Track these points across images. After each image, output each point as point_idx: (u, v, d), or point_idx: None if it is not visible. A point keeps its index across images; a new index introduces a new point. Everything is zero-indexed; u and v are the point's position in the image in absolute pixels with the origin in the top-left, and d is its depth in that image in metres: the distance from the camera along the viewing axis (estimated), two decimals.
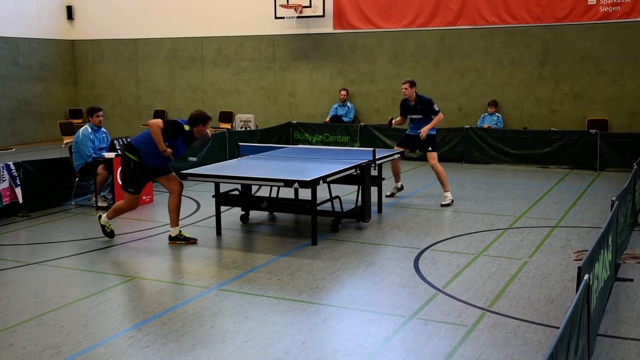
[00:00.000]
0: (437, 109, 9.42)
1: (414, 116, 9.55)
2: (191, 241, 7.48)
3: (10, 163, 8.83)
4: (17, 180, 8.79)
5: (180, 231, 7.50)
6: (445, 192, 9.35)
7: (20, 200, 8.80)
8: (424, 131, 9.24)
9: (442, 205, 9.19)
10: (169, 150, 7.21)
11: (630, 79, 13.32)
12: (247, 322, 5.16)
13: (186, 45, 17.47)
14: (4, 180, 8.66)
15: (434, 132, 9.50)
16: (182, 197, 7.64)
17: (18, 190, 8.77)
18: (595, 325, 4.58)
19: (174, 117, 17.79)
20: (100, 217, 7.69)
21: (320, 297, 5.70)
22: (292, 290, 5.88)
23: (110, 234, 7.67)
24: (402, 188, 10.04)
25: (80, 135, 9.45)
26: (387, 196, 9.69)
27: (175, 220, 7.47)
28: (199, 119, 7.29)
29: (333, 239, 7.61)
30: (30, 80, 17.65)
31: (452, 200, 9.33)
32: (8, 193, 8.73)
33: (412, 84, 9.45)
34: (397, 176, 9.92)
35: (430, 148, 9.41)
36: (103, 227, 7.63)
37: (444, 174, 9.34)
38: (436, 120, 9.39)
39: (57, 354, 4.61)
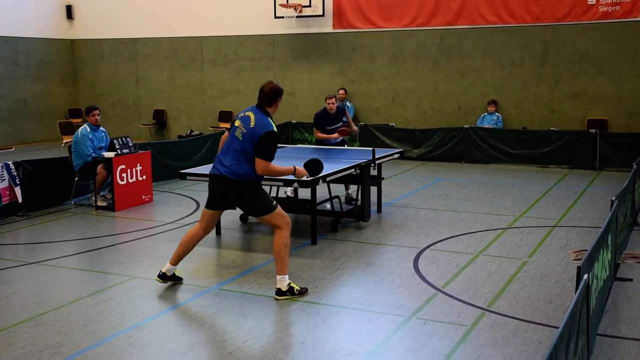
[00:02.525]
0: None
1: (335, 126, 9.55)
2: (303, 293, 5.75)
3: (10, 162, 8.83)
4: (17, 180, 8.79)
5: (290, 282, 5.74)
6: None
7: (20, 200, 8.80)
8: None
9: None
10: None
11: (629, 79, 13.32)
12: (246, 321, 5.16)
13: (186, 44, 17.47)
14: (3, 180, 8.66)
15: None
16: (183, 197, 7.59)
17: (17, 190, 8.77)
18: (594, 325, 4.58)
19: (173, 116, 17.80)
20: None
21: (320, 297, 5.70)
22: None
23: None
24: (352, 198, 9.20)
25: (79, 135, 9.45)
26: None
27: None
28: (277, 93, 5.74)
29: (332, 238, 7.61)
30: (29, 79, 17.65)
31: None
32: (7, 192, 8.72)
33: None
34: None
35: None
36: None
37: None
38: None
39: (57, 354, 4.61)
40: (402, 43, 15.18)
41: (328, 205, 8.16)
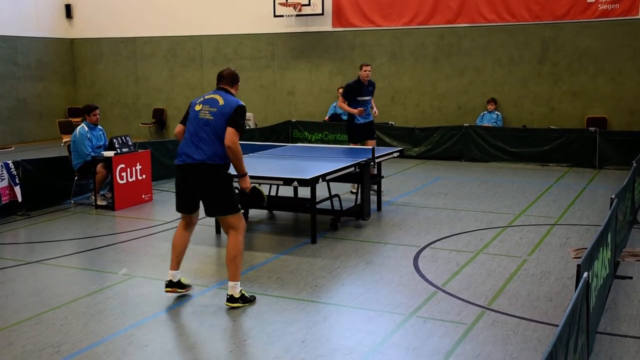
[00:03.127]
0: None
1: (366, 98, 9.49)
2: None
3: (9, 162, 8.83)
4: (16, 179, 8.78)
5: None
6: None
7: (20, 199, 8.80)
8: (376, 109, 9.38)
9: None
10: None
11: (629, 77, 13.32)
12: (246, 320, 5.16)
13: (185, 43, 17.46)
14: (2, 179, 8.66)
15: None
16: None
17: (17, 189, 8.77)
18: (594, 323, 4.58)
19: (173, 115, 17.80)
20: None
21: (320, 296, 5.70)
22: (292, 288, 5.88)
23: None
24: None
25: (77, 135, 9.44)
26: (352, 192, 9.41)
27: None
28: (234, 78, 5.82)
29: (332, 237, 7.61)
30: (29, 79, 17.64)
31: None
32: (7, 192, 8.72)
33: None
34: None
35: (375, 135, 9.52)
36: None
37: None
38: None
39: (57, 353, 4.61)
40: (401, 42, 15.17)
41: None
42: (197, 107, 5.54)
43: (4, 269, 6.60)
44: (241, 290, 5.48)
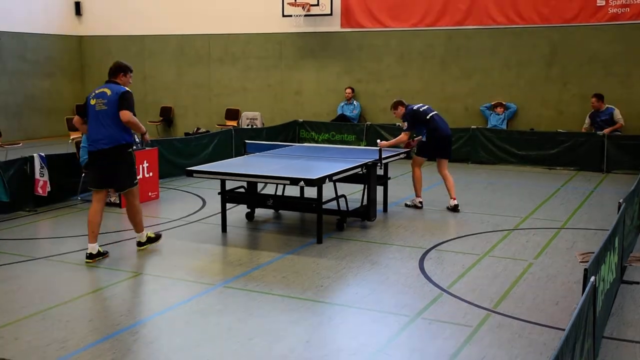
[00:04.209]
0: (405, 126, 9.11)
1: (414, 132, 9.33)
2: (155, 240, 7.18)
3: (43, 154, 9.18)
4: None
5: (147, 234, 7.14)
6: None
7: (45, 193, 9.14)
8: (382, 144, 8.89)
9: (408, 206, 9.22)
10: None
11: (638, 81, 13.25)
12: (251, 319, 5.16)
13: (193, 42, 17.49)
14: (42, 175, 9.06)
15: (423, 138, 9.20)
16: (189, 195, 7.63)
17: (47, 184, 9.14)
18: (600, 328, 4.56)
19: (180, 114, 17.85)
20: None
21: (325, 296, 5.70)
22: (297, 288, 5.88)
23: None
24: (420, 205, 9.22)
25: None
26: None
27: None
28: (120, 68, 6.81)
29: (338, 237, 7.61)
30: (37, 75, 17.71)
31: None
32: (46, 185, 9.13)
33: (396, 104, 9.25)
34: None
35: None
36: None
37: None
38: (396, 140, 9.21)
39: (62, 349, 4.62)
40: (409, 43, 15.15)
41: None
42: (92, 102, 6.64)
43: (11, 264, 6.62)
44: (147, 234, 7.07)
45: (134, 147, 7.09)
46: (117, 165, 6.69)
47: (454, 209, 8.94)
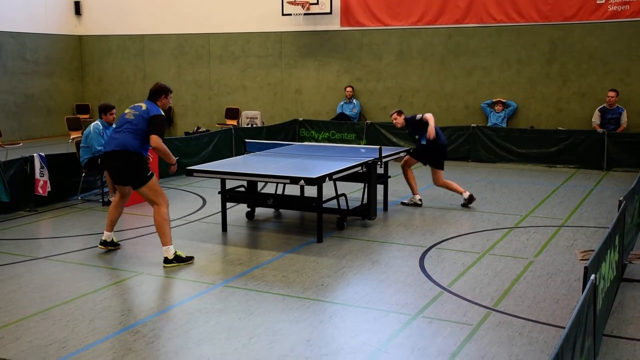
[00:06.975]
0: (419, 116, 9.04)
1: (415, 136, 9.29)
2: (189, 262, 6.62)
3: (43, 154, 9.17)
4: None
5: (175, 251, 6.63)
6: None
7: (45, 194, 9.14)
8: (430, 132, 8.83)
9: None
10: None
11: (638, 79, 13.25)
12: (252, 318, 5.17)
13: (193, 41, 17.48)
14: (42, 175, 9.04)
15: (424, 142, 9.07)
16: (189, 194, 7.63)
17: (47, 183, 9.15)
18: (601, 326, 4.57)
19: (180, 113, 17.85)
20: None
21: (326, 295, 5.70)
22: (298, 287, 5.88)
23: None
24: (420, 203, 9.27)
25: (91, 130, 9.50)
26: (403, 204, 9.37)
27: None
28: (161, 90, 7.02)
29: (338, 236, 7.61)
30: (37, 75, 17.70)
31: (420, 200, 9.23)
32: (46, 185, 9.14)
33: (399, 112, 9.24)
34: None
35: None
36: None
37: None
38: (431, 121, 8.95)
39: (63, 349, 4.63)
40: (409, 41, 15.14)
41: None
42: (126, 111, 6.86)
43: (11, 264, 6.63)
44: (175, 252, 6.50)
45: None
46: (123, 167, 6.62)
47: (470, 199, 9.03)
